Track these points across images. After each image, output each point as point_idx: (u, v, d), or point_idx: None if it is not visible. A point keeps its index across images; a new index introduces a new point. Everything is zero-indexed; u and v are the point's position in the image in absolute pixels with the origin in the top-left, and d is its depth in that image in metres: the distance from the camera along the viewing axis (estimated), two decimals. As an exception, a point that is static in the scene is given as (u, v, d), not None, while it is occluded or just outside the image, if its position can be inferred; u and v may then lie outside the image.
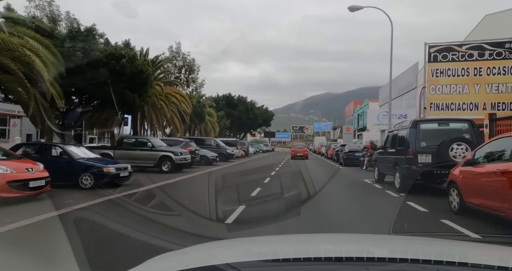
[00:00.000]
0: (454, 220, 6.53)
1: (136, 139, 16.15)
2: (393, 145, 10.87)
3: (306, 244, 2.11)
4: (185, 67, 61.38)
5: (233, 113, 64.19)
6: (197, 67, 63.21)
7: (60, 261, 3.91)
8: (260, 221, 6.19)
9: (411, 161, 9.13)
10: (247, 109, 66.40)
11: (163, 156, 15.39)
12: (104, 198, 8.93)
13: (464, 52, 16.83)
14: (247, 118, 66.22)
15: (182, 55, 61.33)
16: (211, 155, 22.83)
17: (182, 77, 61.74)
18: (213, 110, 48.13)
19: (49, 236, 5.69)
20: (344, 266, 1.43)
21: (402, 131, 10.13)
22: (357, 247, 1.94)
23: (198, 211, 6.80)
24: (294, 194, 7.11)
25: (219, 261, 1.46)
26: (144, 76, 19.04)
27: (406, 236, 3.72)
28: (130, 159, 15.59)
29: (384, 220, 6.64)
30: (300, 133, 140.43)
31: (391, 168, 10.51)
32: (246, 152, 38.49)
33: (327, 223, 6.64)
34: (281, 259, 1.52)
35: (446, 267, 1.38)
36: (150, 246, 4.10)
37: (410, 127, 9.59)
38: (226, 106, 64.56)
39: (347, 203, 9.04)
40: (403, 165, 9.40)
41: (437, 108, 17.42)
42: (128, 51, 17.90)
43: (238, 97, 67.27)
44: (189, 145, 19.69)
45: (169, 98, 28.64)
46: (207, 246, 2.02)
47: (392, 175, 10.81)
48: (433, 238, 3.02)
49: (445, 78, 17.24)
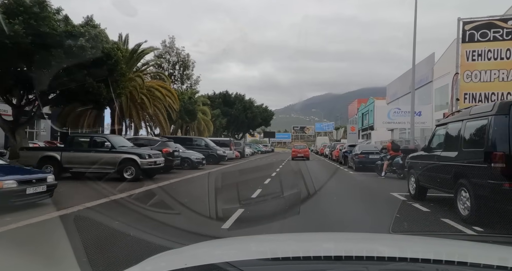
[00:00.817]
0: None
1: (91, 138, 12.59)
2: (451, 145, 7.14)
3: (306, 242, 2.12)
4: (179, 63, 58.15)
5: (230, 112, 60.71)
6: (192, 63, 59.89)
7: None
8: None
9: (499, 171, 5.35)
10: (245, 107, 62.88)
11: (125, 159, 11.86)
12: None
13: (510, 28, 13.34)
14: (245, 118, 62.73)
15: (176, 50, 58.05)
16: (196, 157, 19.36)
17: (176, 73, 58.52)
18: (207, 108, 44.70)
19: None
20: (343, 265, 1.41)
21: (473, 123, 6.34)
22: (356, 246, 1.93)
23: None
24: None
25: (218, 260, 1.45)
26: (111, 61, 15.59)
27: (406, 235, 3.86)
28: (83, 163, 12.11)
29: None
30: (301, 133, 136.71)
31: (448, 181, 6.83)
32: (242, 153, 35.01)
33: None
34: (280, 257, 1.54)
35: (445, 267, 1.36)
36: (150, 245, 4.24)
37: (496, 113, 5.67)
38: (223, 104, 61.10)
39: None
40: (481, 178, 5.78)
41: (473, 100, 13.96)
42: (89, 29, 14.41)
43: (236, 95, 63.77)
44: (166, 145, 16.21)
45: (153, 93, 25.18)
46: (206, 245, 2.06)
47: (447, 192, 7.26)
48: (432, 237, 2.87)
49: (484, 62, 13.78)
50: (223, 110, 60.49)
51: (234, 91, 64.82)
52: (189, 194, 10.45)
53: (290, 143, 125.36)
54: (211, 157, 23.73)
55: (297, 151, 33.49)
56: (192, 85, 59.87)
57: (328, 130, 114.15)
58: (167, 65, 58.59)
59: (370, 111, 58.89)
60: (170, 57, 58.37)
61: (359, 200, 9.98)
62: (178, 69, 58.94)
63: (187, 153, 19.34)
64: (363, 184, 13.86)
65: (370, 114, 58.93)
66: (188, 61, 57.48)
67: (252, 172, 20.01)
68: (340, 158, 25.58)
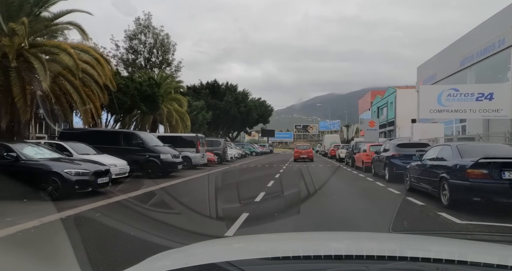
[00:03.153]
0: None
1: None
2: None
3: (306, 242, 2.11)
4: (157, 45, 47.92)
5: (219, 105, 50.30)
6: (173, 45, 49.65)
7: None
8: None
9: None
10: (237, 100, 52.33)
11: None
12: None
13: None
14: (238, 112, 52.18)
15: (153, 30, 47.80)
16: (83, 171, 8.88)
17: (154, 59, 48.34)
18: (182, 98, 34.37)
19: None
20: (343, 264, 1.40)
21: None
22: (356, 245, 1.94)
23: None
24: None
25: (219, 259, 1.45)
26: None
27: (406, 234, 3.85)
28: None
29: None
30: (304, 133, 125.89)
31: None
32: (221, 155, 24.61)
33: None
34: (280, 257, 1.52)
35: (445, 266, 1.36)
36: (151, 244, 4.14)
37: None
38: (211, 96, 50.71)
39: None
40: None
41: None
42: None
43: (226, 86, 53.21)
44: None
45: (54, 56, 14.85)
46: (206, 244, 2.07)
47: None
48: (432, 237, 2.61)
49: None
50: (211, 103, 50.12)
51: (225, 81, 54.28)
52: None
53: (292, 142, 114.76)
54: (150, 165, 13.41)
55: (300, 152, 30.85)
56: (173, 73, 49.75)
57: (334, 129, 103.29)
58: (142, 48, 48.55)
59: (390, 103, 48.26)
60: (146, 39, 48.20)
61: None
62: (156, 54, 48.94)
63: (71, 164, 8.99)
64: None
65: (390, 107, 48.27)
66: (167, 43, 47.32)
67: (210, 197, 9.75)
68: (374, 166, 15.18)
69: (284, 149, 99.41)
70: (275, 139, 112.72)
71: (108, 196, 9.10)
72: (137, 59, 47.46)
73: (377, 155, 14.98)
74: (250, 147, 48.99)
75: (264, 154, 54.24)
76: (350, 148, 23.52)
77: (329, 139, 43.78)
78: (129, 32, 47.06)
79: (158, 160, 13.50)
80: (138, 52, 46.28)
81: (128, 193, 9.67)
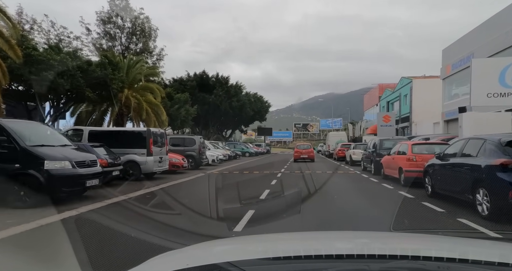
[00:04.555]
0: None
1: None
2: None
3: (307, 241, 2.08)
4: (135, 30, 41.72)
5: (208, 99, 43.93)
6: (154, 30, 43.46)
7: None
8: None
9: None
10: (228, 93, 45.89)
11: None
12: None
13: None
14: (229, 107, 45.76)
15: (131, 12, 41.59)
16: None
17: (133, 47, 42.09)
18: (156, 86, 28.09)
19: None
20: (345, 264, 1.38)
21: None
22: (358, 245, 1.91)
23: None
24: None
25: (220, 260, 1.45)
26: None
27: (407, 233, 3.93)
28: None
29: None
30: (303, 131, 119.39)
31: None
32: (196, 158, 18.35)
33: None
34: (282, 257, 1.51)
35: (446, 264, 1.34)
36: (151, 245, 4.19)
37: None
38: (198, 89, 44.33)
39: None
40: None
41: None
42: None
43: (217, 78, 46.82)
44: None
45: None
46: (208, 245, 2.04)
47: None
48: (433, 235, 2.84)
49: None
50: (198, 96, 43.81)
51: (215, 73, 47.89)
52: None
53: (291, 142, 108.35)
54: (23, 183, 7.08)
55: (300, 152, 29.92)
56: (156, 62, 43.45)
57: (335, 128, 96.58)
58: (120, 33, 42.30)
59: (403, 96, 41.90)
60: (124, 22, 41.88)
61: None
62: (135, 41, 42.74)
63: None
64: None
65: (404, 101, 41.92)
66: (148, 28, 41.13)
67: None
68: (458, 186, 8.40)
69: (282, 149, 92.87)
70: (274, 138, 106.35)
71: None
72: (114, 47, 41.00)
73: (441, 161, 8.58)
74: (243, 147, 42.68)
75: (260, 154, 47.96)
76: (369, 147, 17.18)
77: (335, 137, 37.31)
78: (103, 14, 40.59)
79: (39, 172, 7.16)
80: (115, 38, 40.03)
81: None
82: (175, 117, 34.08)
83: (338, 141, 34.65)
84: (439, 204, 8.11)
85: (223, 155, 25.18)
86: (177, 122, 34.36)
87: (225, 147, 34.00)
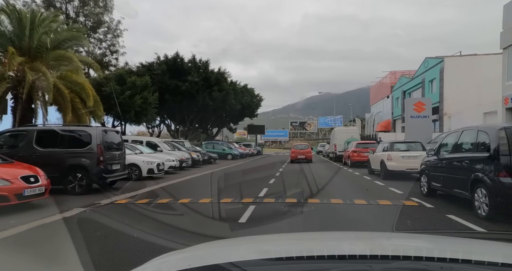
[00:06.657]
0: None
1: None
2: None
3: (309, 242, 2.06)
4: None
5: (181, 87, 34.76)
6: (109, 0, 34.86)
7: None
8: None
9: None
10: (208, 81, 36.63)
11: None
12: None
13: None
14: (210, 98, 36.56)
15: None
16: None
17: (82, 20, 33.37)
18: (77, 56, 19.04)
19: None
20: (347, 264, 1.37)
21: None
22: (360, 245, 1.90)
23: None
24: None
25: (222, 260, 1.42)
26: None
27: (409, 233, 3.73)
28: None
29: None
30: (301, 130, 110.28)
31: None
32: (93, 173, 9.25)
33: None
34: (284, 257, 1.49)
35: (449, 265, 1.32)
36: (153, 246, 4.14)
37: None
38: (170, 75, 35.18)
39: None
40: None
41: None
42: None
43: (193, 61, 37.60)
44: None
45: None
46: (209, 245, 2.02)
47: None
48: (436, 235, 2.56)
49: None
50: (169, 84, 34.69)
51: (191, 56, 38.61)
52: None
53: (287, 141, 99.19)
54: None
55: (297, 152, 28.05)
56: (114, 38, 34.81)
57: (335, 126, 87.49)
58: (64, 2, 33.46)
59: (428, 82, 32.82)
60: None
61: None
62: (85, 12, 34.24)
63: None
64: None
65: (430, 88, 32.88)
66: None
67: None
68: None
69: (277, 149, 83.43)
70: (268, 138, 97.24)
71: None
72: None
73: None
74: (225, 147, 33.56)
75: (249, 156, 38.93)
76: (447, 148, 8.11)
77: (343, 134, 28.20)
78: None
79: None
80: (58, 8, 30.91)
81: None
82: (127, 107, 25.01)
83: (349, 139, 25.58)
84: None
85: (175, 162, 15.95)
86: (129, 114, 25.32)
87: (194, 147, 24.98)
